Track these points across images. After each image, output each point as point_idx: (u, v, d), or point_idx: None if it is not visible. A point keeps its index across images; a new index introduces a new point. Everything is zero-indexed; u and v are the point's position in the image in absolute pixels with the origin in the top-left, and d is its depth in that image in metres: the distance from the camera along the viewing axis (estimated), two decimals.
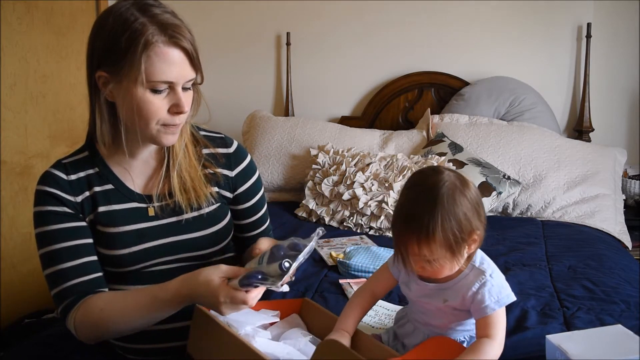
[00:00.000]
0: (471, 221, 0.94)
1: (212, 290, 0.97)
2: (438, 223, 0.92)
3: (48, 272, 1.09)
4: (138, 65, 0.99)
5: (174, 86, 1.04)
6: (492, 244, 1.90)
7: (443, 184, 0.95)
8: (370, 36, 2.90)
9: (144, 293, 1.05)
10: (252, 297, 0.95)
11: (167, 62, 1.01)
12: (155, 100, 1.03)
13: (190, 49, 1.03)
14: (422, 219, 0.92)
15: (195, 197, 1.14)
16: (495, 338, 0.93)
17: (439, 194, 0.94)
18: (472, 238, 0.95)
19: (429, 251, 0.93)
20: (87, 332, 1.08)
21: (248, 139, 2.72)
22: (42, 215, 1.09)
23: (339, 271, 1.65)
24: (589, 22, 2.64)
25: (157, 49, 1.00)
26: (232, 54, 3.02)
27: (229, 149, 1.23)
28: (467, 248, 0.96)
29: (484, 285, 0.96)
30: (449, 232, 0.92)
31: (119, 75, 1.02)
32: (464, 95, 2.69)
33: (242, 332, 0.96)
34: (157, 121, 1.05)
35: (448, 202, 0.93)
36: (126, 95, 1.03)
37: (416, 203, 0.95)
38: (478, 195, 0.98)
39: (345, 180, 2.21)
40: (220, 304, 0.96)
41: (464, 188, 0.96)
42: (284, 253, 0.97)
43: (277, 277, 0.94)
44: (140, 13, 1.01)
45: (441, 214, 0.92)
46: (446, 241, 0.93)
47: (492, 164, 2.30)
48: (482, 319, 0.95)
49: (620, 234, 2.17)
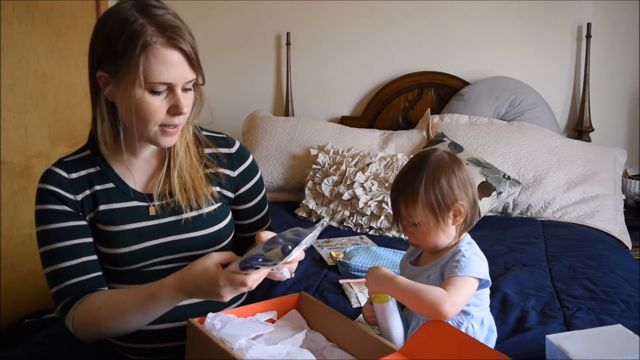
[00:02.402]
0: (454, 190, 1.04)
1: (209, 277, 0.97)
2: (422, 185, 1.03)
3: (48, 270, 1.09)
4: (136, 66, 0.99)
5: (173, 87, 1.03)
6: (492, 244, 1.90)
7: (434, 156, 1.07)
8: (370, 36, 2.90)
9: (141, 291, 1.05)
10: (251, 279, 0.95)
11: (166, 63, 1.01)
12: (154, 101, 1.03)
13: (189, 50, 1.03)
14: (408, 181, 1.05)
15: (195, 197, 1.14)
16: (449, 295, 0.96)
17: (427, 162, 1.06)
18: (456, 208, 1.04)
19: (414, 211, 1.04)
20: (85, 330, 1.08)
21: (248, 139, 2.72)
22: (42, 214, 1.10)
23: (339, 271, 1.65)
24: (589, 22, 2.64)
25: (155, 50, 1.00)
26: (232, 54, 3.02)
27: (231, 149, 1.23)
28: (453, 219, 1.05)
29: (456, 254, 1.03)
30: (431, 195, 1.03)
31: (118, 76, 1.02)
32: (464, 95, 2.69)
33: (236, 346, 0.95)
34: (155, 122, 1.05)
35: (434, 169, 1.04)
36: (125, 95, 1.03)
37: (407, 170, 1.08)
38: (468, 176, 1.07)
39: (345, 180, 2.21)
40: (220, 288, 0.96)
41: (453, 163, 1.06)
42: (287, 238, 0.97)
43: (278, 260, 0.94)
44: (140, 14, 1.01)
45: (425, 177, 1.04)
46: (429, 203, 1.03)
47: (492, 164, 2.30)
48: (446, 279, 1.01)
49: (620, 234, 2.17)
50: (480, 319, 1.05)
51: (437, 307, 0.94)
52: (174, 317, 1.10)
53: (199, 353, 0.99)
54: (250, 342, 0.98)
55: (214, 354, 0.93)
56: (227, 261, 1.00)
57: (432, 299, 0.95)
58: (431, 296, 0.96)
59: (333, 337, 1.07)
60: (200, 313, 1.06)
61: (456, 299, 0.96)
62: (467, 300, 1.00)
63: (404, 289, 0.98)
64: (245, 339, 0.98)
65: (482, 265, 1.03)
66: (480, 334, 1.05)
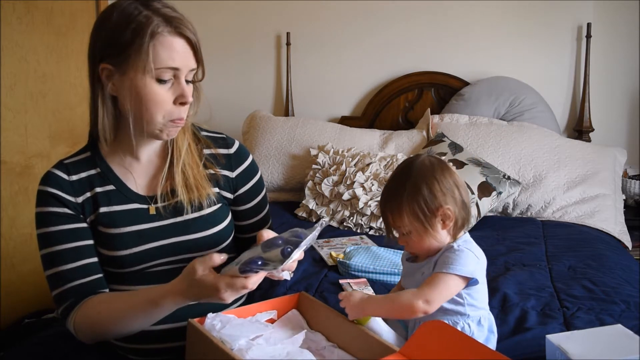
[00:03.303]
0: (437, 196, 1.03)
1: (209, 284, 0.97)
2: (404, 196, 1.04)
3: (49, 273, 1.09)
4: (146, 54, 1.01)
5: (179, 75, 1.05)
6: (492, 244, 1.90)
7: (416, 163, 1.07)
8: (370, 36, 2.90)
9: (142, 296, 1.06)
10: (252, 282, 0.95)
11: (173, 50, 1.04)
12: (160, 91, 1.04)
13: (194, 39, 1.06)
14: (392, 193, 1.07)
15: (197, 195, 1.14)
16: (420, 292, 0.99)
17: (408, 171, 1.06)
18: (443, 213, 1.03)
19: (401, 222, 1.05)
20: (86, 332, 1.08)
21: (248, 139, 2.72)
22: (43, 216, 1.10)
23: (339, 271, 1.65)
24: (589, 22, 2.64)
25: (163, 38, 1.02)
26: (232, 54, 3.02)
27: (230, 150, 1.23)
28: (442, 223, 1.04)
29: (447, 250, 1.03)
30: (415, 205, 1.03)
31: (124, 67, 1.03)
32: (464, 95, 2.69)
33: (236, 346, 0.95)
34: (163, 114, 1.06)
35: (416, 178, 1.04)
36: (131, 86, 1.04)
37: (391, 180, 1.10)
38: (454, 178, 1.06)
39: (345, 180, 2.21)
40: (221, 293, 0.96)
41: (435, 169, 1.05)
42: (286, 239, 0.97)
43: (278, 263, 0.94)
44: (144, 7, 1.04)
45: (408, 187, 1.04)
46: (414, 213, 1.03)
47: (492, 164, 2.30)
48: (430, 276, 1.02)
49: (620, 234, 2.17)
50: (478, 319, 1.05)
51: (411, 308, 0.98)
52: (174, 318, 1.10)
53: (199, 354, 0.99)
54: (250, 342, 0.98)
55: (213, 354, 0.93)
56: (214, 263, 0.99)
57: (404, 302, 0.99)
58: (404, 300, 1.00)
59: (333, 337, 1.07)
60: (200, 313, 1.07)
61: (429, 295, 0.99)
62: (447, 296, 1.01)
63: (380, 306, 1.02)
64: (245, 339, 0.98)
65: (470, 264, 1.02)
66: (478, 334, 1.05)
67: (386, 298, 1.04)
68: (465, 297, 1.03)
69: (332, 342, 1.07)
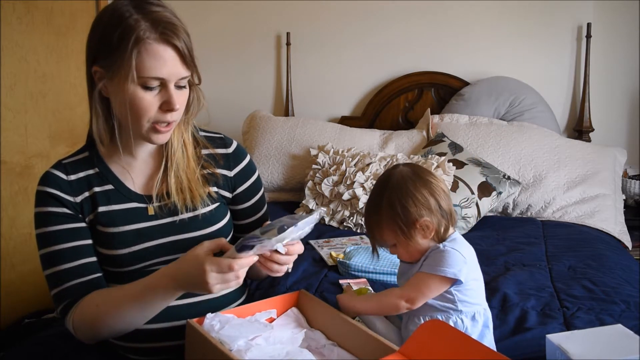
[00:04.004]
0: (410, 210, 1.05)
1: (198, 263, 0.97)
2: (381, 213, 1.07)
3: (48, 272, 1.09)
4: (129, 61, 1.00)
5: (166, 83, 1.03)
6: (492, 244, 1.90)
7: (391, 179, 1.08)
8: (370, 36, 2.90)
9: (137, 283, 1.06)
10: (239, 263, 0.95)
11: (158, 59, 1.01)
12: (146, 97, 1.03)
13: (182, 47, 1.03)
14: (371, 210, 1.10)
15: (190, 198, 1.14)
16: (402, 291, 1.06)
17: (383, 187, 1.08)
18: (421, 224, 1.05)
19: (384, 236, 1.09)
20: (85, 330, 1.08)
21: (248, 139, 2.72)
22: (42, 216, 1.10)
23: (339, 271, 1.65)
24: (589, 22, 2.64)
25: (148, 45, 1.00)
26: (232, 54, 3.02)
27: (228, 150, 1.23)
28: (422, 234, 1.06)
29: (433, 251, 1.06)
30: (391, 221, 1.06)
31: (111, 71, 1.03)
32: (464, 95, 2.69)
33: (235, 347, 0.95)
34: (148, 119, 1.05)
35: (390, 194, 1.06)
36: (118, 91, 1.03)
37: (371, 196, 1.13)
38: (431, 186, 1.07)
39: (345, 180, 2.21)
40: (206, 274, 0.95)
41: (408, 182, 1.07)
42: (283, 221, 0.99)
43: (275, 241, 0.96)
44: (136, 10, 1.02)
45: (383, 205, 1.07)
46: (392, 229, 1.07)
47: (492, 164, 2.30)
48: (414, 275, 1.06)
49: (620, 234, 2.17)
50: (472, 314, 1.06)
51: (395, 306, 1.06)
52: (174, 316, 1.10)
53: (198, 354, 0.99)
54: (249, 343, 0.98)
55: (212, 355, 0.93)
56: (218, 247, 1.01)
57: (390, 301, 1.07)
58: (389, 299, 1.07)
59: (333, 336, 1.07)
60: (200, 312, 1.06)
61: (410, 294, 1.05)
62: (429, 296, 1.05)
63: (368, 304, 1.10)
64: (244, 340, 0.98)
65: (456, 264, 1.03)
66: (472, 329, 1.06)
67: (371, 299, 1.11)
68: (455, 294, 1.05)
69: (332, 340, 1.07)
